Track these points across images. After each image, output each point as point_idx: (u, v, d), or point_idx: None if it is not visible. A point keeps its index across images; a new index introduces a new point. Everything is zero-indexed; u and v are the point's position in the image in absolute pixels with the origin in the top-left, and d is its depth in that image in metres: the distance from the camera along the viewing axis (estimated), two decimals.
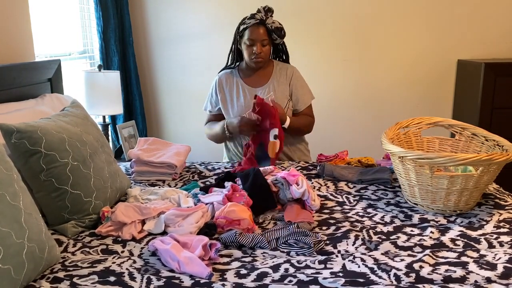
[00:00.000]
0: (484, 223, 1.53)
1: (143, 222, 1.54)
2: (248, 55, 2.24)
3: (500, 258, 1.27)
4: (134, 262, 1.30)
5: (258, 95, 2.10)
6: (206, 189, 1.77)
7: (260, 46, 2.21)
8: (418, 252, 1.33)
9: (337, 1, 3.25)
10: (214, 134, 2.38)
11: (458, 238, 1.42)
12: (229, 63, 2.40)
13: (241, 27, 2.24)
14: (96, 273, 1.23)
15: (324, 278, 1.17)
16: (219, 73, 2.43)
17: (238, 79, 2.35)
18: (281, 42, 2.33)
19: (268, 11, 2.22)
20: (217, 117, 2.43)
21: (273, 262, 1.28)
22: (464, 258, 1.28)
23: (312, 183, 1.97)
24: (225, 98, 2.36)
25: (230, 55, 2.38)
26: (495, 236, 1.43)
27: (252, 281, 1.18)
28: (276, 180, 1.70)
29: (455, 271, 1.20)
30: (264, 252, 1.36)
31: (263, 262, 1.28)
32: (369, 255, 1.31)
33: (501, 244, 1.37)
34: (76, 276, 1.21)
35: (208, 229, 1.48)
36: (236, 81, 2.35)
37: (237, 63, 2.39)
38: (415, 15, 3.23)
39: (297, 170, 2.09)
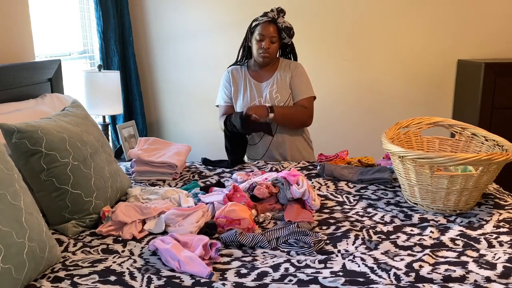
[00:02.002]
0: (484, 222, 1.53)
1: (143, 222, 1.54)
2: (257, 50, 2.32)
3: (499, 257, 1.27)
4: (135, 261, 1.30)
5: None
6: (206, 189, 1.77)
7: (269, 42, 2.29)
8: (418, 252, 1.33)
9: (336, 1, 3.26)
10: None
11: (458, 237, 1.42)
12: (238, 59, 2.47)
13: (253, 24, 2.33)
14: (97, 272, 1.23)
15: (324, 278, 1.18)
16: (228, 68, 2.49)
17: (246, 73, 2.43)
18: (289, 42, 2.40)
19: (280, 11, 2.31)
20: (229, 108, 2.44)
21: (273, 261, 1.28)
22: (463, 258, 1.29)
23: (312, 183, 1.97)
24: (233, 90, 2.43)
25: (241, 51, 2.45)
26: (494, 235, 1.43)
27: (252, 280, 1.19)
28: (276, 180, 1.70)
29: (454, 271, 1.20)
30: (264, 252, 1.36)
31: (263, 262, 1.29)
32: (369, 255, 1.31)
33: (500, 243, 1.38)
34: (76, 276, 1.21)
35: (209, 228, 1.48)
36: (244, 75, 2.43)
37: (246, 60, 2.46)
38: (415, 15, 3.23)
39: (297, 170, 2.09)
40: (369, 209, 1.68)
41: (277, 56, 2.43)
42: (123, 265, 1.28)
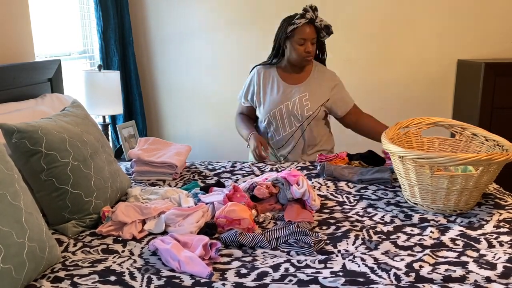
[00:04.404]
0: (484, 223, 1.53)
1: (143, 222, 1.54)
2: (299, 54, 2.25)
3: (500, 257, 1.27)
4: (135, 261, 1.30)
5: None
6: (206, 189, 1.77)
7: (310, 45, 2.24)
8: (418, 252, 1.33)
9: (336, 1, 3.25)
10: (240, 133, 2.49)
11: (458, 237, 1.42)
12: (271, 60, 2.39)
13: (290, 27, 2.23)
14: (97, 272, 1.23)
15: (324, 278, 1.18)
16: (256, 66, 2.44)
17: (275, 74, 2.38)
18: (325, 40, 2.35)
19: (315, 10, 2.24)
20: (248, 108, 2.50)
21: (273, 261, 1.28)
22: (464, 258, 1.28)
23: (312, 183, 1.97)
24: (259, 90, 2.38)
25: (274, 52, 2.36)
26: (495, 235, 1.43)
27: (253, 280, 1.19)
28: (276, 180, 1.70)
29: (455, 271, 1.20)
30: (264, 252, 1.36)
31: (263, 262, 1.29)
32: (369, 255, 1.31)
33: (501, 243, 1.37)
34: (76, 276, 1.21)
35: (209, 228, 1.48)
36: (273, 76, 2.37)
37: (279, 60, 2.36)
38: (415, 15, 3.23)
39: (297, 170, 2.09)
40: (369, 209, 1.68)
41: None
42: (123, 265, 1.28)
